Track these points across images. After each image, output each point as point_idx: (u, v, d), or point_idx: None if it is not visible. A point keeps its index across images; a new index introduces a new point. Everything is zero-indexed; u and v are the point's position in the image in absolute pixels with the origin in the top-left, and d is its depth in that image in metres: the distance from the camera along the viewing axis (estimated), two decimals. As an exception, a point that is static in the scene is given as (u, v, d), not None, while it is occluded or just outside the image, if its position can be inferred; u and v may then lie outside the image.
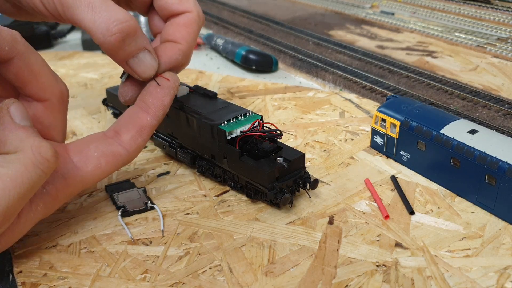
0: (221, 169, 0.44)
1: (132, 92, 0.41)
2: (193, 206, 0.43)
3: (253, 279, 0.35)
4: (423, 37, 0.90)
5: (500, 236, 0.38)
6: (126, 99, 0.41)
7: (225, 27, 1.01)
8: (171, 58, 0.41)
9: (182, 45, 0.41)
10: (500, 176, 0.38)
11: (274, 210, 0.42)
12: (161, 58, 0.40)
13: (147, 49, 0.38)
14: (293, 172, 0.41)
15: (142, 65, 0.38)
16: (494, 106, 0.59)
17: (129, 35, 0.36)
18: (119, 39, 0.35)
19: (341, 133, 0.55)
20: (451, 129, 0.43)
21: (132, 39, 0.36)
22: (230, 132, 0.42)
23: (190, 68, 0.78)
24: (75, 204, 0.44)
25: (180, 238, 0.39)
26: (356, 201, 0.43)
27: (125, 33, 0.36)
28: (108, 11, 0.35)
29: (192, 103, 0.47)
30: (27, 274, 0.36)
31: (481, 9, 1.01)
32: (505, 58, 0.77)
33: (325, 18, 1.06)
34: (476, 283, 0.34)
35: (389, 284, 0.34)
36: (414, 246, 0.37)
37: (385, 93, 0.65)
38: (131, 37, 0.36)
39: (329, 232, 0.39)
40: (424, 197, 0.43)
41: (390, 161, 0.49)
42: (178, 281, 0.35)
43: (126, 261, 0.37)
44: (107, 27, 0.35)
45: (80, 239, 0.39)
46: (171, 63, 0.41)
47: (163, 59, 0.40)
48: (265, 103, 0.63)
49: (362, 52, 0.81)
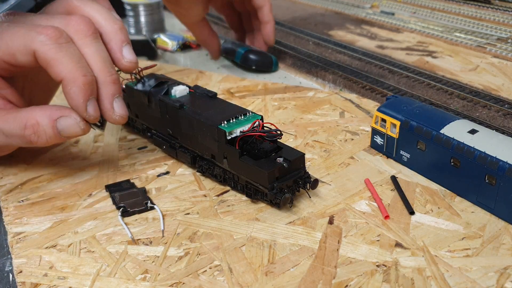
0: (221, 169, 0.44)
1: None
2: (193, 206, 0.43)
3: (253, 279, 0.35)
4: (423, 37, 0.90)
5: (500, 236, 0.38)
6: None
7: (225, 27, 1.00)
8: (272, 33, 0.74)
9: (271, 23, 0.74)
10: (500, 176, 0.38)
11: (274, 210, 0.42)
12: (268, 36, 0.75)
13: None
14: (293, 172, 0.41)
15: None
16: (494, 106, 0.59)
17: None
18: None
19: (341, 133, 0.55)
20: (451, 129, 0.43)
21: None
22: (230, 132, 0.42)
23: (190, 68, 0.78)
24: (75, 204, 0.44)
25: (180, 238, 0.39)
26: (356, 201, 0.43)
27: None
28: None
29: (192, 103, 0.47)
30: (27, 274, 0.36)
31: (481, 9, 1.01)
32: (505, 58, 0.77)
33: (325, 18, 1.06)
34: (476, 283, 0.34)
35: (389, 284, 0.34)
36: (414, 246, 0.37)
37: (385, 93, 0.65)
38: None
39: (329, 232, 0.39)
40: (424, 197, 0.43)
41: (390, 161, 0.49)
42: (178, 281, 0.35)
43: (126, 261, 0.37)
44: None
45: (80, 239, 0.39)
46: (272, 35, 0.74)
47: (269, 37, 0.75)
48: (265, 103, 0.63)
49: (362, 52, 0.81)
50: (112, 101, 0.40)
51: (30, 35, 0.39)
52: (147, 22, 0.92)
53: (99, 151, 0.53)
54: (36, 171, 0.49)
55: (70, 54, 0.39)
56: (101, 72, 0.40)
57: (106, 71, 0.40)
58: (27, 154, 0.51)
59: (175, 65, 0.79)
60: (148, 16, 0.91)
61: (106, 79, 0.40)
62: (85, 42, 0.40)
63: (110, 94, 0.40)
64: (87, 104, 0.39)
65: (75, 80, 0.38)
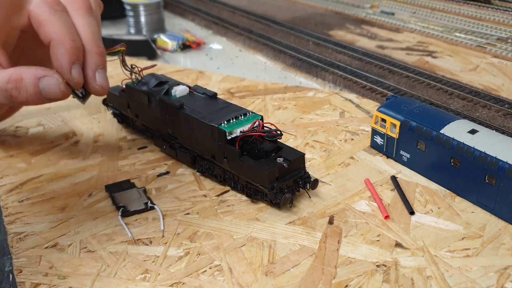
0: (221, 169, 0.44)
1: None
2: (193, 206, 0.43)
3: (253, 279, 0.35)
4: (423, 37, 0.90)
5: (500, 236, 0.38)
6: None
7: (225, 27, 1.01)
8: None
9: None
10: (500, 176, 0.38)
11: (274, 210, 0.42)
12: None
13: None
14: (293, 172, 0.41)
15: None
16: (494, 106, 0.59)
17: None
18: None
19: (341, 133, 0.55)
20: (451, 129, 0.43)
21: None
22: (230, 132, 0.42)
23: (190, 68, 0.78)
24: (75, 204, 0.44)
25: (180, 238, 0.39)
26: (356, 201, 0.43)
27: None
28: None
29: (192, 103, 0.47)
30: (27, 274, 0.36)
31: (481, 9, 1.01)
32: (505, 58, 0.77)
33: (325, 18, 1.06)
34: (476, 283, 0.34)
35: (389, 284, 0.34)
36: (414, 246, 0.37)
37: (385, 93, 0.65)
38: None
39: (329, 232, 0.39)
40: (424, 197, 0.43)
41: (390, 161, 0.49)
42: (178, 281, 0.35)
43: (126, 261, 0.37)
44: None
45: (80, 239, 0.39)
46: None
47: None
48: (265, 103, 0.63)
49: (362, 52, 0.81)
50: (95, 71, 0.41)
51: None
52: (147, 22, 0.92)
53: (99, 151, 0.53)
54: (36, 171, 0.49)
55: (63, 20, 0.40)
56: (89, 42, 0.41)
57: (94, 42, 0.41)
58: (27, 154, 0.52)
59: (175, 65, 0.79)
60: (148, 16, 0.91)
61: (93, 49, 0.41)
62: (78, 14, 0.42)
63: (94, 64, 0.41)
64: (71, 67, 0.40)
65: (63, 42, 0.39)
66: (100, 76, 0.42)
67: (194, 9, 1.16)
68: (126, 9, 0.92)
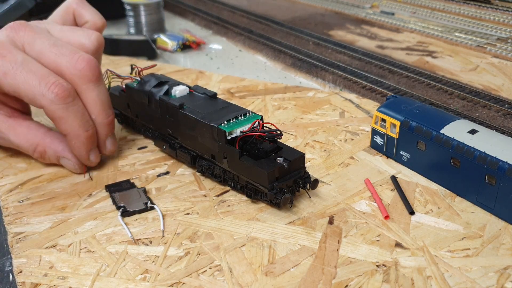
0: (221, 169, 0.44)
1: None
2: (193, 206, 0.43)
3: (253, 279, 0.35)
4: (423, 37, 0.90)
5: (500, 236, 0.38)
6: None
7: (225, 27, 1.01)
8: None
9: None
10: (500, 176, 0.38)
11: (274, 210, 0.42)
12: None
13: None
14: (293, 172, 0.41)
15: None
16: (494, 106, 0.59)
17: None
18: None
19: (341, 133, 0.55)
20: (451, 129, 0.43)
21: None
22: (230, 132, 0.42)
23: (190, 68, 0.78)
24: (75, 204, 0.44)
25: (180, 238, 0.39)
26: (356, 201, 0.43)
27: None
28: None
29: (192, 103, 0.47)
30: (27, 274, 0.36)
31: (481, 9, 1.01)
32: (505, 58, 0.77)
33: (325, 18, 1.06)
34: (476, 283, 0.34)
35: (389, 284, 0.34)
36: (414, 246, 0.37)
37: (385, 93, 0.65)
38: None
39: (329, 232, 0.39)
40: (424, 197, 0.43)
41: (390, 161, 0.49)
42: (178, 281, 0.35)
43: (126, 261, 0.37)
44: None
45: (80, 239, 0.39)
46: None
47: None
48: (265, 103, 0.63)
49: (362, 52, 0.81)
50: (105, 140, 0.48)
51: (41, 90, 0.42)
52: (147, 22, 0.92)
53: (99, 151, 0.53)
54: (36, 171, 0.49)
55: (75, 112, 0.44)
56: (99, 115, 0.46)
57: (104, 114, 0.46)
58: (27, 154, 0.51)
59: (175, 65, 0.79)
60: (148, 16, 0.91)
61: (103, 121, 0.46)
62: (88, 87, 0.45)
63: (105, 134, 0.47)
64: (89, 154, 0.47)
65: (78, 136, 0.45)
66: (110, 142, 0.48)
67: (194, 9, 1.16)
68: (126, 9, 0.92)
